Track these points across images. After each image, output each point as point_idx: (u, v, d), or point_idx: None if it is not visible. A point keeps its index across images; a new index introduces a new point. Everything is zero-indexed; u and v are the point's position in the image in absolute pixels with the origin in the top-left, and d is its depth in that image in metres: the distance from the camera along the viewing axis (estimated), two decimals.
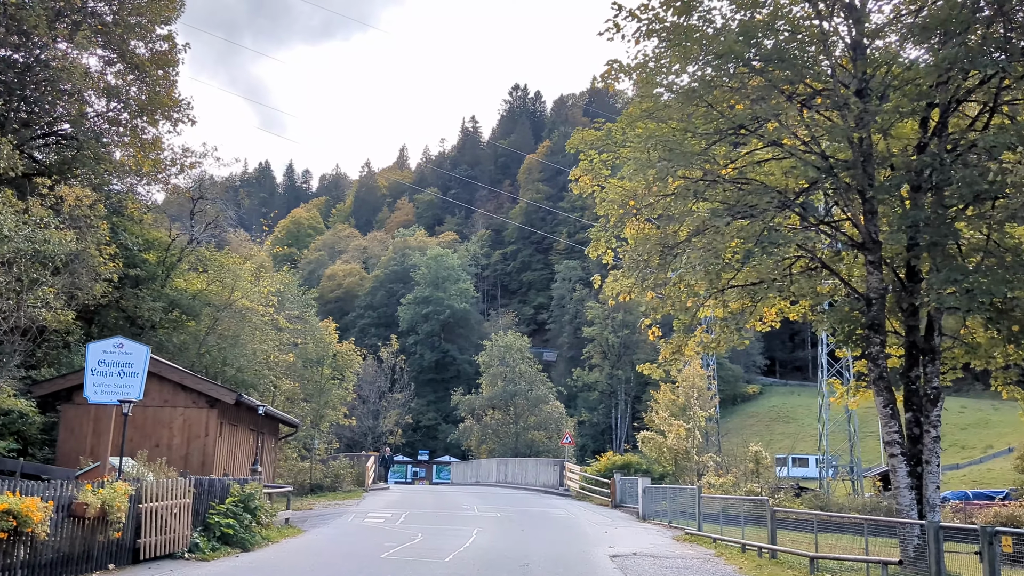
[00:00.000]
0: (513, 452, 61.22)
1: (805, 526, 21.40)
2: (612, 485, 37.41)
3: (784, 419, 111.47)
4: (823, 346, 63.42)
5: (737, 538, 22.48)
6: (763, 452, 42.12)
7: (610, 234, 19.67)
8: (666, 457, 42.39)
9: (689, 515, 27.44)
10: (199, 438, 22.56)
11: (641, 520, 31.61)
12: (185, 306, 36.21)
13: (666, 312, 19.71)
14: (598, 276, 20.11)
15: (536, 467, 48.57)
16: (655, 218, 18.97)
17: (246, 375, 36.20)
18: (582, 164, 19.76)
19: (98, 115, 32.85)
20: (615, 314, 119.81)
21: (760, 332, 78.46)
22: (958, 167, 15.66)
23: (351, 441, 74.97)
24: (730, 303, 20.13)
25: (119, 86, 32.77)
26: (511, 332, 75.86)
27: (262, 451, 29.05)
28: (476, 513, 30.25)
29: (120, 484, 13.00)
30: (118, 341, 16.70)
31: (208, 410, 22.71)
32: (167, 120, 34.39)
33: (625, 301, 20.12)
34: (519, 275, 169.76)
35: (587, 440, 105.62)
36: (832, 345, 61.55)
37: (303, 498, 37.86)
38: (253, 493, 18.21)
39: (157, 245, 36.61)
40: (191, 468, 22.31)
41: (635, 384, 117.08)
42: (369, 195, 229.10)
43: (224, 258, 38.21)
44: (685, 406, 47.04)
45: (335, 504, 33.72)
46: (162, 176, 35.69)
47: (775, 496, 34.91)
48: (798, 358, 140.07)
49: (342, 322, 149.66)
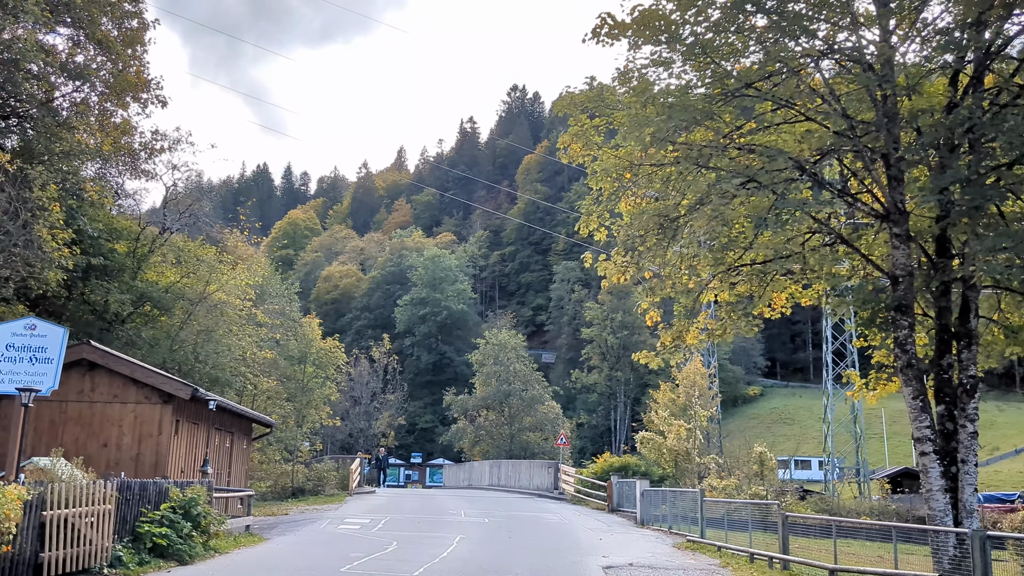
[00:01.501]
0: (508, 454, 58.96)
1: (814, 531, 19.33)
2: (609, 488, 35.35)
3: (785, 421, 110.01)
4: (828, 344, 61.34)
5: (744, 546, 20.38)
6: (768, 453, 39.96)
7: (603, 208, 17.55)
8: (666, 459, 40.30)
9: (691, 520, 25.36)
10: (151, 437, 20.46)
11: (639, 525, 29.53)
12: (157, 299, 34.20)
13: (666, 295, 17.59)
14: (589, 254, 17.96)
15: (530, 470, 46.42)
16: (654, 191, 16.90)
17: (221, 372, 34.15)
18: (572, 129, 17.67)
19: (63, 96, 30.84)
20: (614, 315, 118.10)
21: (761, 334, 76.73)
22: (1002, 119, 13.58)
23: (344, 444, 72.92)
24: (737, 285, 18.00)
25: (85, 64, 30.75)
26: (505, 330, 73.54)
27: (231, 452, 26.96)
28: (462, 518, 28.17)
29: (11, 488, 10.90)
30: (30, 322, 14.56)
31: (162, 406, 20.60)
32: (136, 102, 32.43)
33: (620, 283, 18.04)
34: (517, 276, 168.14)
35: (586, 443, 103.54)
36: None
37: (280, 503, 35.80)
38: (195, 497, 15.94)
39: (126, 235, 34.59)
40: (142, 470, 20.26)
41: (634, 386, 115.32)
42: (367, 196, 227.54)
43: (200, 249, 36.20)
44: (686, 405, 44.99)
45: (313, 509, 31.64)
46: (130, 161, 33.69)
47: (780, 499, 32.92)
48: (799, 359, 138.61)
49: (338, 324, 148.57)
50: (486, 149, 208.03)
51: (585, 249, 23.71)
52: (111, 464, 20.13)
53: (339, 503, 34.44)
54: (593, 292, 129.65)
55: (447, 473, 68.86)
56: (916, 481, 52.63)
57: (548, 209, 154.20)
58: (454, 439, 67.17)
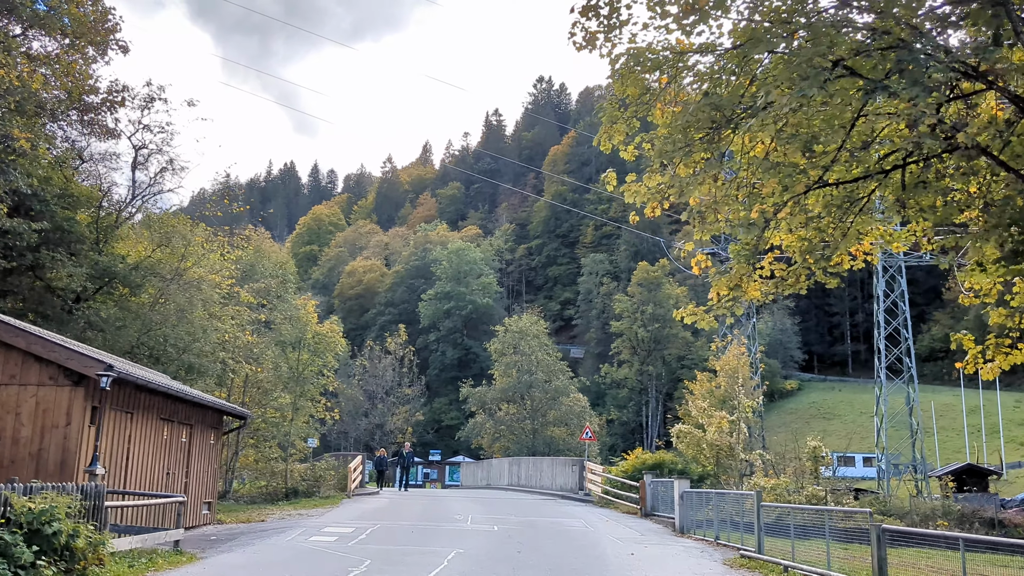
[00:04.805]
0: (530, 451, 54.08)
1: (905, 541, 14.57)
2: (641, 489, 30.65)
3: (824, 416, 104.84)
4: (880, 329, 55.97)
5: (820, 566, 15.57)
6: (822, 448, 34.98)
7: (631, 115, 12.91)
8: (706, 455, 35.50)
9: (742, 527, 20.65)
10: (57, 428, 16.07)
11: (678, 533, 24.82)
12: (123, 276, 29.98)
13: (718, 230, 12.92)
14: (612, 173, 13.27)
15: (552, 468, 41.70)
16: (701, 84, 12.19)
17: (196, 358, 29.83)
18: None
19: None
20: (644, 307, 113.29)
21: (797, 326, 72.54)
22: None
23: (365, 441, 68.68)
24: (808, 225, 13.18)
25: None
26: (526, 315, 68.40)
27: (188, 448, 22.56)
28: (467, 526, 23.62)
29: None
30: None
31: (71, 389, 16.19)
32: (93, 46, 28.24)
33: (653, 217, 13.45)
34: (544, 270, 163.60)
35: (616, 439, 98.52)
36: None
37: (267, 506, 31.45)
38: (49, 510, 11.27)
39: (85, 202, 30.39)
40: (45, 470, 15.88)
41: (667, 380, 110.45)
42: (391, 191, 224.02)
43: (174, 220, 31.94)
44: (726, 396, 40.10)
45: (297, 514, 27.21)
46: (90, 117, 29.50)
47: (832, 498, 28.21)
48: (837, 352, 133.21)
49: (362, 319, 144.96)
50: (512, 142, 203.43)
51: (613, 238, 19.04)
52: (4, 463, 15.81)
53: (330, 507, 30.02)
54: (622, 285, 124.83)
55: (464, 471, 64.21)
56: (983, 479, 47.39)
57: (575, 201, 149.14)
58: (471, 434, 62.40)
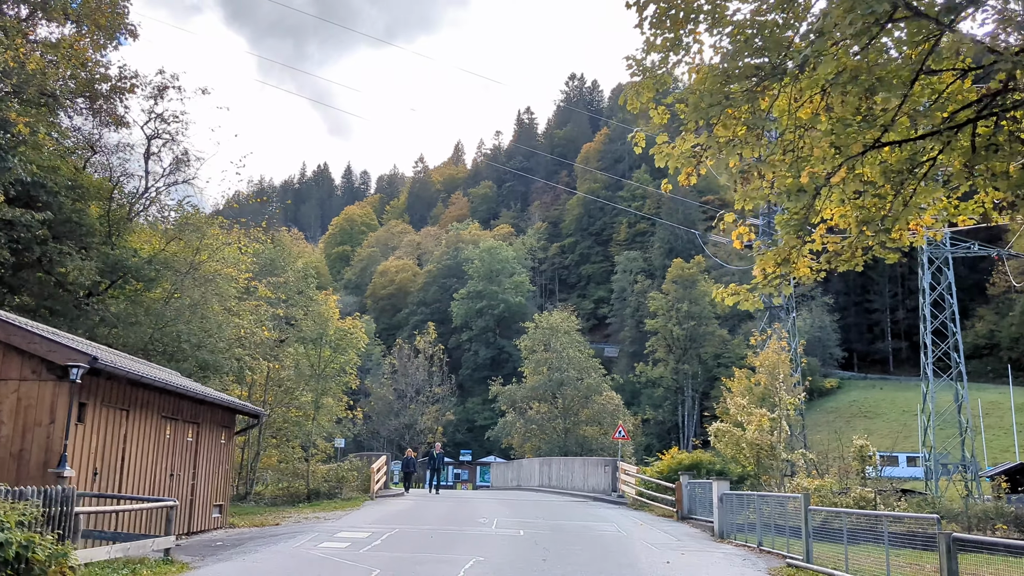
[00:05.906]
0: (561, 450, 52.46)
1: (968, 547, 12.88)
2: (678, 491, 29.02)
3: (866, 414, 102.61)
4: (927, 323, 53.71)
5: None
6: (869, 447, 33.08)
7: (664, 74, 11.38)
8: (745, 454, 33.69)
9: (790, 532, 18.99)
10: (40, 426, 14.84)
11: (717, 539, 23.18)
12: (136, 269, 28.89)
13: (763, 197, 11.33)
14: (641, 134, 11.72)
15: (584, 468, 40.11)
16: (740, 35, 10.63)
17: (211, 355, 28.63)
18: None
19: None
20: (680, 305, 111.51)
21: (837, 323, 70.53)
22: None
23: (388, 440, 67.62)
24: (864, 195, 11.54)
25: None
26: (556, 311, 66.77)
27: (195, 448, 21.31)
28: (491, 530, 22.16)
29: None
30: None
31: (55, 383, 14.95)
32: (100, 29, 27.16)
33: (687, 185, 11.89)
34: (577, 268, 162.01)
35: (652, 439, 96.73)
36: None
37: (287, 508, 30.24)
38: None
39: (97, 194, 29.36)
40: (26, 471, 14.65)
41: (703, 379, 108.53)
42: (423, 191, 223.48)
43: (191, 216, 30.87)
44: (766, 393, 38.24)
45: (315, 517, 25.92)
46: (99, 105, 28.42)
47: (879, 500, 26.42)
48: (878, 350, 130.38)
49: (395, 319, 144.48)
50: (544, 140, 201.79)
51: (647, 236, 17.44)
52: None
53: (350, 510, 28.72)
54: (657, 282, 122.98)
55: (495, 472, 62.74)
56: None
57: (608, 197, 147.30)
58: (501, 434, 60.90)
